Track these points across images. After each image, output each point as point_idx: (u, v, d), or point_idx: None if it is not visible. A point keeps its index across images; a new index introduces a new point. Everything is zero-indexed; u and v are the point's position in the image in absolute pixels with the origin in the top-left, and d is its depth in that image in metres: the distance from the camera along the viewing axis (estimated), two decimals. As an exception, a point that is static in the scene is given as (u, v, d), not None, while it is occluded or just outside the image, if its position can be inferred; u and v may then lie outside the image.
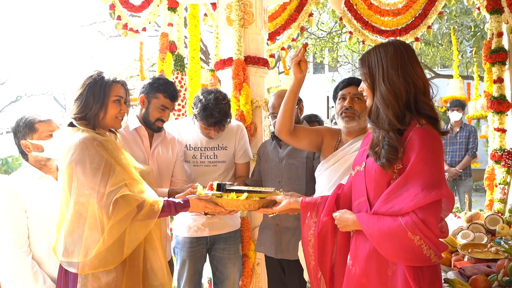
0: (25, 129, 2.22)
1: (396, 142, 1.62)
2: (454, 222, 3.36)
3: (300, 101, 2.82)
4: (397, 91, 1.65)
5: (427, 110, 1.66)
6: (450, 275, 2.30)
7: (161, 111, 2.51)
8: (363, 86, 1.79)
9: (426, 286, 1.58)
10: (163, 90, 2.49)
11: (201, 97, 2.68)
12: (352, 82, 2.34)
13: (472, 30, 7.94)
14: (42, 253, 2.16)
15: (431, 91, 1.70)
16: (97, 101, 1.99)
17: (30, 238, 2.16)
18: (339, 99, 2.36)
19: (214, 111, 2.60)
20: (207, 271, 3.09)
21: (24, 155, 2.26)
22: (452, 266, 2.44)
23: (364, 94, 1.80)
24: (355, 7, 4.47)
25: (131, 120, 2.54)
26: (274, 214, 2.13)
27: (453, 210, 5.13)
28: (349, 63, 13.61)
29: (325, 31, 11.94)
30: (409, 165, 1.57)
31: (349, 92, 2.32)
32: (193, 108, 2.72)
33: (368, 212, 1.69)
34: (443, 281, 2.09)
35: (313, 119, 4.01)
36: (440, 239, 1.58)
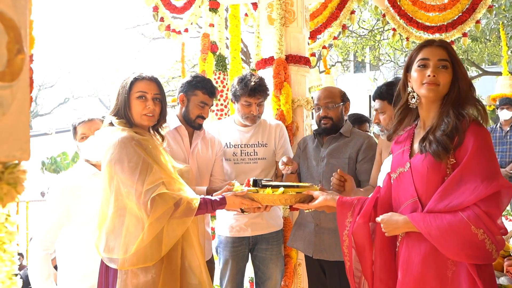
0: (72, 131, 2.40)
1: (456, 128, 1.60)
2: (506, 225, 3.21)
3: (347, 100, 2.77)
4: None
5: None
6: (503, 280, 2.20)
7: (201, 108, 2.54)
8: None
9: (488, 286, 1.53)
10: (201, 87, 2.53)
11: (236, 78, 2.81)
12: (375, 97, 2.37)
13: (523, 24, 7.59)
14: (92, 254, 2.08)
15: None
16: (121, 98, 2.02)
17: (80, 238, 2.26)
18: None
19: (252, 78, 2.71)
20: (249, 271, 3.09)
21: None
22: (505, 271, 2.34)
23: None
24: (398, 3, 4.35)
25: (171, 119, 2.57)
26: (310, 210, 2.09)
27: (504, 213, 4.93)
28: (391, 61, 13.31)
29: (367, 29, 11.74)
30: (465, 158, 1.55)
31: (375, 109, 2.36)
32: (231, 91, 2.80)
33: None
34: (495, 287, 2.00)
35: (364, 119, 3.96)
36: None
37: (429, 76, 1.67)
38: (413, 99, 1.76)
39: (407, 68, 1.80)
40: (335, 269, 2.59)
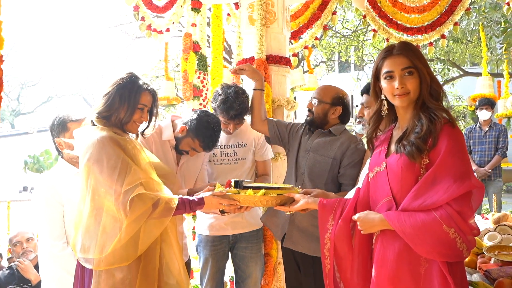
0: (58, 128, 2.34)
1: (430, 131, 1.65)
2: (481, 223, 3.28)
3: (339, 104, 2.69)
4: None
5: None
6: (475, 277, 2.25)
7: (190, 149, 2.52)
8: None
9: (459, 282, 1.58)
10: (202, 140, 2.46)
11: (220, 91, 2.73)
12: (363, 92, 2.45)
13: (502, 25, 7.71)
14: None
15: None
16: (123, 104, 2.00)
17: (67, 233, 2.26)
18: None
19: (235, 103, 2.65)
20: (229, 270, 3.10)
21: (60, 152, 2.39)
22: (477, 269, 2.39)
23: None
24: (379, 4, 4.38)
25: (166, 128, 2.57)
26: (291, 212, 2.11)
27: (482, 211, 5.02)
28: (374, 61, 13.42)
29: (350, 29, 11.82)
30: (438, 158, 1.60)
31: (361, 103, 2.44)
32: (212, 103, 2.76)
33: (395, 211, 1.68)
34: (466, 283, 2.04)
35: None
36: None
37: (397, 88, 1.73)
38: (383, 106, 1.82)
39: (376, 77, 1.83)
40: (309, 266, 2.58)
